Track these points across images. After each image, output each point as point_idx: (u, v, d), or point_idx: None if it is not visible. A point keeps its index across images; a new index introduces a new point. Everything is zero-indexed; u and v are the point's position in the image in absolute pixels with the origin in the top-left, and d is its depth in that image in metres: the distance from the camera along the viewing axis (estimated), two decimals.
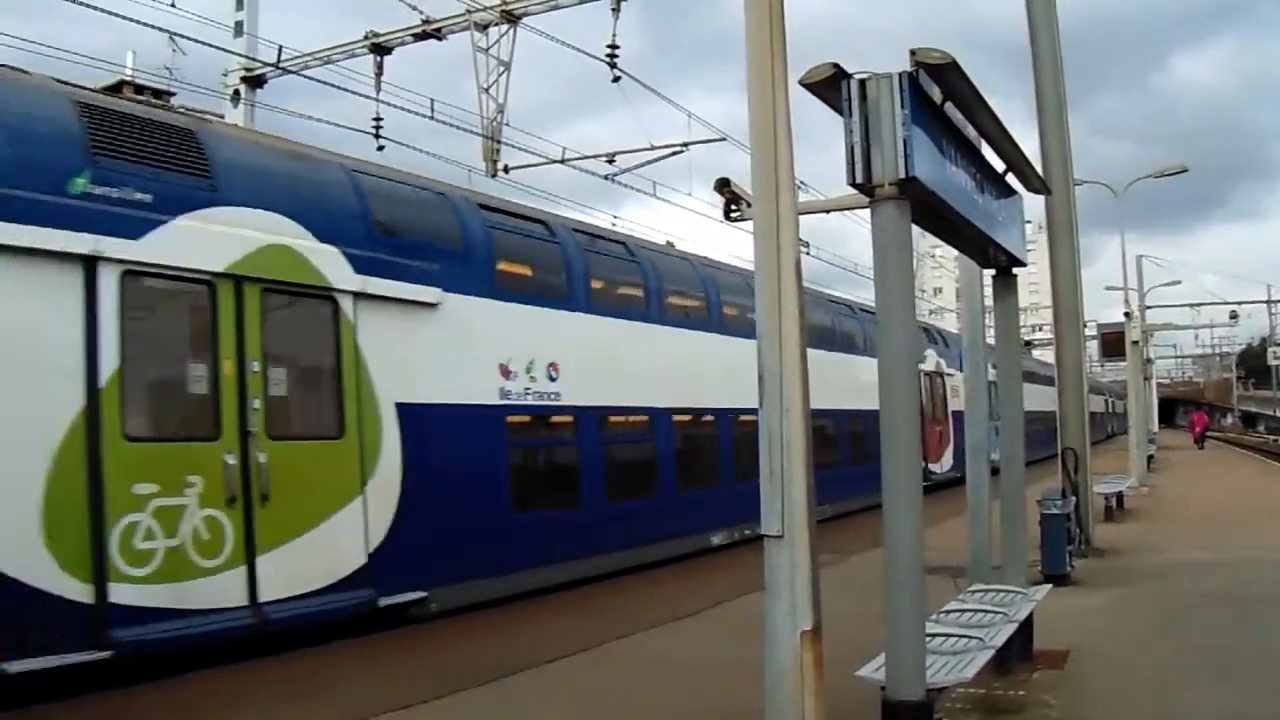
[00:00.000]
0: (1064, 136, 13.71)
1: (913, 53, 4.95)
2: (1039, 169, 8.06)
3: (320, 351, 9.39)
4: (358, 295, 9.50)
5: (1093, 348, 33.55)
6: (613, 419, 13.64)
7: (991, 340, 10.40)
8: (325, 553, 8.83)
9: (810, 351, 4.60)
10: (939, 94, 5.34)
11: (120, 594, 7.30)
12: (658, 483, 14.22)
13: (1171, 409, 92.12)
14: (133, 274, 7.75)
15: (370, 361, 9.54)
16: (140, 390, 7.97)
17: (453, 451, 10.41)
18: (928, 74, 5.09)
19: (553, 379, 11.96)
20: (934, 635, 5.72)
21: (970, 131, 6.07)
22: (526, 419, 11.90)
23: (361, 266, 9.59)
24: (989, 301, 9.80)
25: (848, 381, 18.09)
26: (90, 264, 7.45)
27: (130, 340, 7.66)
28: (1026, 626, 7.06)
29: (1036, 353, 48.63)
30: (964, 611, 6.66)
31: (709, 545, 14.81)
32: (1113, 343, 29.83)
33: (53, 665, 6.84)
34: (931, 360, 25.85)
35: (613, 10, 16.00)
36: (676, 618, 9.77)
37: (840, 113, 4.92)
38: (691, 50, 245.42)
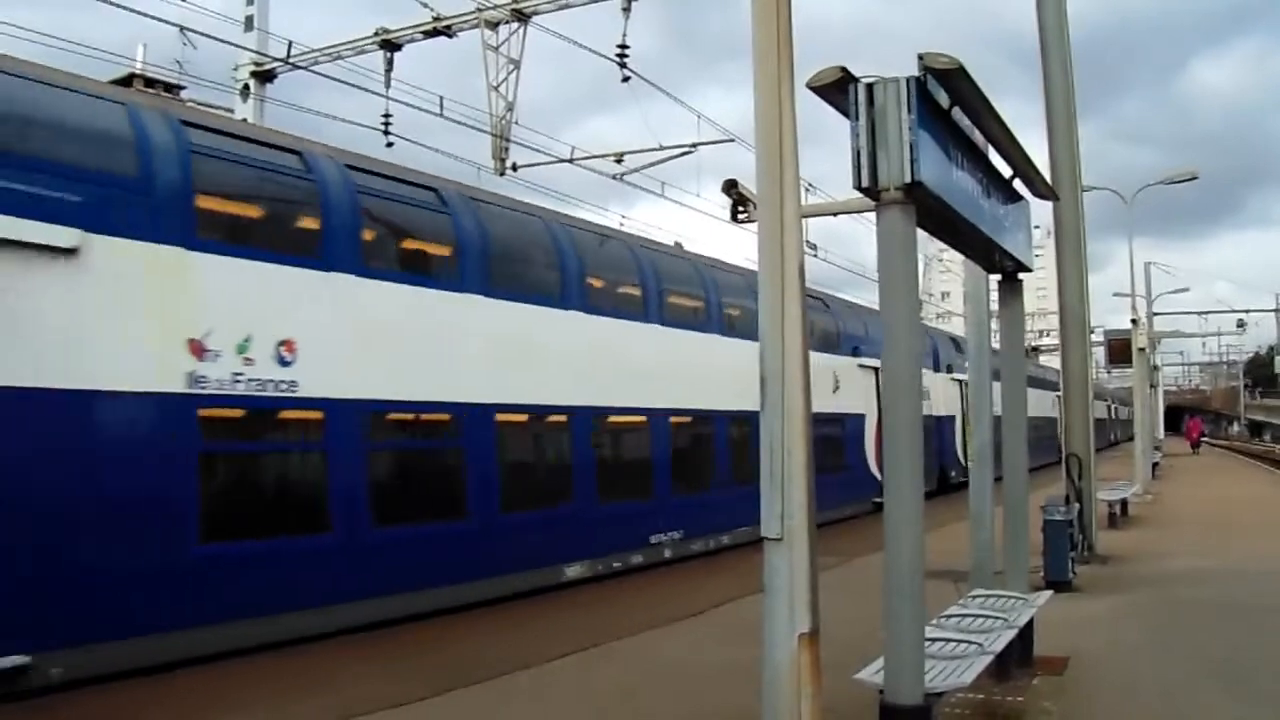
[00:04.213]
0: (1073, 143, 13.67)
1: (920, 57, 4.95)
2: (1048, 175, 8.04)
3: None
4: None
5: (1100, 354, 33.44)
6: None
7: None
8: None
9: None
10: (946, 99, 5.33)
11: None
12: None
13: (1178, 417, 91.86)
14: None
15: None
16: None
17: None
18: (935, 79, 5.09)
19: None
20: (933, 640, 5.72)
21: (977, 136, 6.06)
22: None
23: None
24: (995, 306, 9.77)
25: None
26: None
27: None
28: (1027, 632, 7.05)
29: (1043, 358, 48.50)
30: (964, 616, 6.65)
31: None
32: (1119, 349, 29.77)
33: None
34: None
35: (623, 10, 15.98)
36: (678, 618, 9.78)
37: (847, 116, 4.92)
38: (706, 48, 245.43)
